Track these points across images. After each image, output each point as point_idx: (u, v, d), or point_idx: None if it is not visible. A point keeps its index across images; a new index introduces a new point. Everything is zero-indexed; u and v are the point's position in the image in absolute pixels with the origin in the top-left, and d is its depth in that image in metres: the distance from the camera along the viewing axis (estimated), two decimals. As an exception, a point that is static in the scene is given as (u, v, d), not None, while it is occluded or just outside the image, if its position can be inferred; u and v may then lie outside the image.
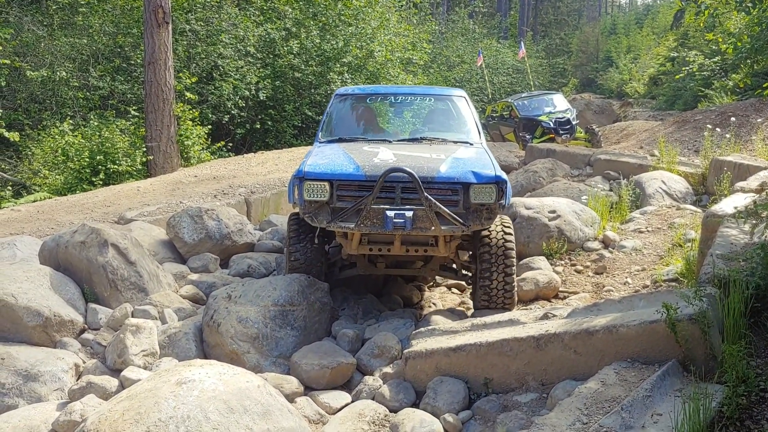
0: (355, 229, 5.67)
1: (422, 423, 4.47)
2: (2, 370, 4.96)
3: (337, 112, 7.58)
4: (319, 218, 5.77)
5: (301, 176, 5.83)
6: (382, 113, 8.33)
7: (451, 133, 7.25)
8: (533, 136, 17.54)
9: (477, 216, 5.77)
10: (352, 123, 7.60)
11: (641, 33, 46.69)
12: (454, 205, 5.74)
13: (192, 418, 3.78)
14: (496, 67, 35.68)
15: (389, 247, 5.94)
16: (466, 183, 5.75)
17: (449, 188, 5.76)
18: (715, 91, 19.09)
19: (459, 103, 7.63)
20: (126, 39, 16.91)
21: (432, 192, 5.65)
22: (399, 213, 5.58)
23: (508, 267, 6.14)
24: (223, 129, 17.56)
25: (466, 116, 7.47)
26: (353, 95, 7.80)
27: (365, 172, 5.75)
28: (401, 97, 7.91)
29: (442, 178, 5.74)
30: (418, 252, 6.03)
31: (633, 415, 3.63)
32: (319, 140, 7.14)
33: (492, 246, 6.16)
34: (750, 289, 4.32)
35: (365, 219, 5.61)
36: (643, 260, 7.33)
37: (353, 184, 5.79)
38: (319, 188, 5.76)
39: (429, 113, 7.92)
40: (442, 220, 5.64)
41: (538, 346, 4.65)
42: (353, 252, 6.03)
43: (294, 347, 5.66)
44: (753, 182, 7.70)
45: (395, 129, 8.53)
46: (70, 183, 12.72)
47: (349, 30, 19.83)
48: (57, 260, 6.46)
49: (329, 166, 5.90)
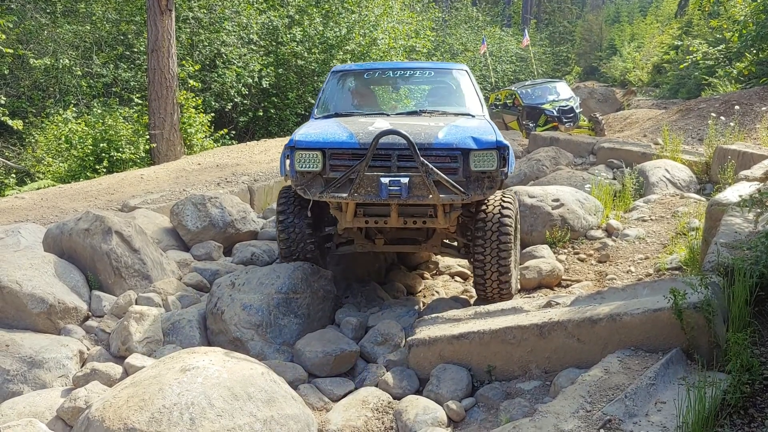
0: (349, 199, 5.38)
1: (425, 410, 4.48)
2: (7, 356, 4.97)
3: (333, 89, 7.33)
4: (312, 190, 5.50)
5: (292, 146, 5.57)
6: (380, 89, 8.01)
7: (452, 106, 6.98)
8: (536, 125, 17.52)
9: (478, 185, 5.48)
10: (348, 99, 7.35)
11: (645, 21, 46.42)
12: (453, 173, 5.43)
13: (196, 404, 3.79)
14: (500, 55, 35.58)
15: (386, 219, 5.65)
16: (465, 149, 5.46)
17: (448, 155, 5.46)
18: (719, 80, 19.01)
19: (460, 76, 7.37)
20: (129, 26, 16.89)
21: (430, 159, 5.35)
22: (394, 180, 5.29)
23: (503, 243, 5.76)
24: (226, 117, 17.55)
25: (468, 90, 7.20)
26: (350, 71, 7.58)
27: (359, 140, 5.46)
28: (399, 72, 7.64)
29: (440, 144, 5.45)
30: (416, 224, 5.71)
31: (636, 403, 3.64)
32: (314, 117, 6.90)
33: (486, 222, 5.83)
34: (754, 277, 4.31)
35: (359, 187, 5.32)
36: (647, 249, 7.32)
37: (347, 152, 5.50)
38: (311, 158, 5.50)
39: (430, 88, 7.60)
40: (441, 189, 5.33)
41: (541, 334, 4.65)
42: (348, 224, 5.74)
43: (297, 335, 5.67)
44: (757, 171, 7.67)
45: (394, 104, 8.18)
46: (73, 170, 12.73)
47: (352, 17, 19.76)
48: (61, 247, 6.47)
49: (321, 135, 5.62)
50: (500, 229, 5.76)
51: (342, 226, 5.88)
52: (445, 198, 5.34)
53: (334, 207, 5.78)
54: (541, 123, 17.55)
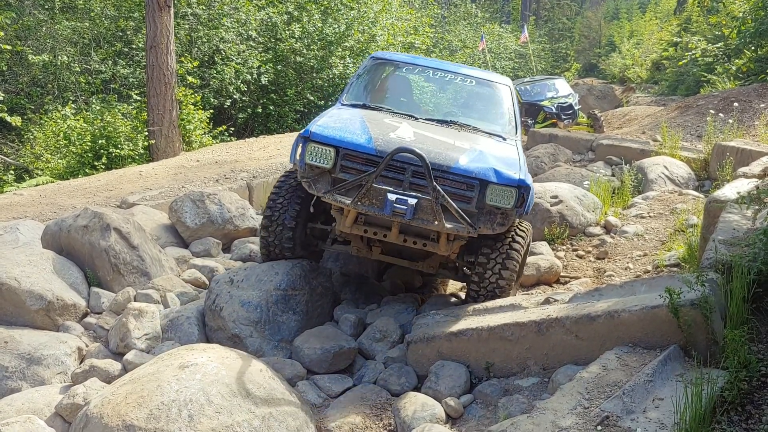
0: (351, 206, 5.15)
1: (424, 406, 4.49)
2: (5, 353, 4.97)
3: (368, 76, 7.03)
4: (318, 186, 5.29)
5: (307, 136, 5.35)
6: (415, 86, 7.58)
7: (485, 122, 6.63)
8: (535, 121, 17.50)
9: (489, 219, 5.26)
10: (380, 90, 7.02)
11: (644, 18, 46.37)
12: (466, 202, 5.22)
13: (194, 401, 3.80)
14: (499, 52, 35.52)
15: (385, 233, 5.42)
16: (484, 180, 5.21)
17: (464, 182, 5.22)
18: (718, 77, 19.00)
19: (502, 92, 7.05)
20: (128, 23, 16.86)
21: (445, 183, 5.15)
22: (402, 198, 5.05)
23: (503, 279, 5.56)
24: (225, 113, 17.52)
25: (506, 108, 6.87)
26: (389, 61, 7.28)
27: (376, 146, 5.20)
28: (441, 74, 7.17)
29: (458, 169, 5.19)
30: (416, 245, 5.46)
31: (634, 400, 3.64)
32: (342, 102, 6.61)
33: (493, 250, 5.61)
34: (752, 274, 4.32)
35: (364, 197, 5.10)
36: (645, 245, 7.33)
37: (361, 156, 5.25)
38: (324, 153, 5.27)
39: (467, 97, 7.28)
40: (449, 216, 5.11)
41: (539, 330, 4.66)
42: (346, 230, 5.49)
43: (296, 331, 5.68)
44: (756, 167, 7.68)
45: (426, 106, 7.80)
46: (72, 167, 12.71)
47: (351, 14, 19.72)
48: (60, 244, 6.47)
49: (339, 131, 5.38)
50: (505, 263, 5.58)
51: (339, 228, 5.64)
52: (450, 227, 5.11)
53: (336, 209, 5.57)
54: (540, 120, 17.56)
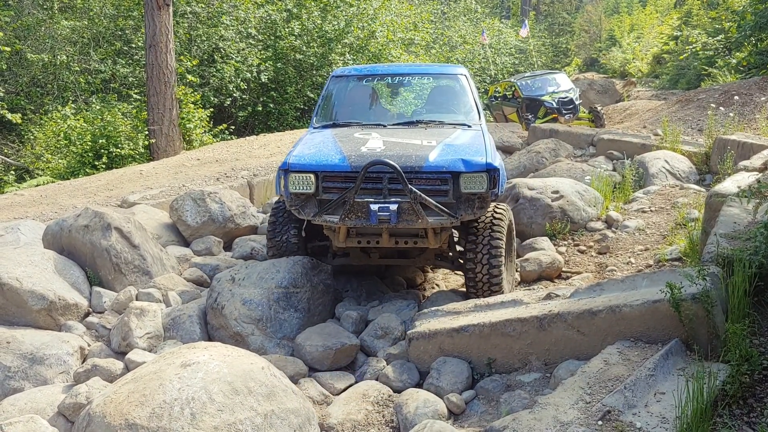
0: (340, 224, 5.55)
1: (426, 403, 4.49)
2: (8, 353, 4.98)
3: (333, 95, 7.38)
4: (306, 211, 5.67)
5: (286, 168, 5.71)
6: (379, 94, 8.04)
7: (449, 114, 7.04)
8: (536, 117, 17.43)
9: (468, 206, 5.59)
10: (347, 106, 7.34)
11: (644, 12, 46.20)
12: (443, 195, 5.56)
13: (197, 399, 3.80)
14: (499, 47, 35.48)
15: (378, 240, 5.77)
16: (455, 172, 5.55)
17: (438, 177, 5.57)
18: (719, 70, 18.95)
19: (459, 81, 7.38)
20: (127, 22, 16.87)
21: (420, 182, 5.51)
22: (384, 207, 5.42)
23: (494, 258, 5.85)
24: (225, 112, 17.54)
25: (466, 96, 7.23)
26: (350, 76, 7.56)
27: (351, 163, 5.57)
28: (398, 78, 7.67)
29: (430, 167, 5.54)
30: (407, 244, 5.84)
31: (636, 394, 3.64)
32: (313, 125, 7.00)
33: (478, 236, 5.93)
34: (753, 268, 4.31)
35: (350, 213, 5.48)
36: (646, 240, 7.32)
37: (339, 175, 5.64)
38: (305, 180, 5.64)
39: (429, 93, 7.68)
40: (430, 212, 5.46)
41: (541, 326, 4.65)
42: (341, 245, 5.90)
43: (298, 329, 5.68)
44: (756, 161, 7.67)
45: (394, 110, 8.25)
46: (72, 167, 12.74)
47: (351, 10, 19.73)
48: (61, 244, 6.47)
49: (314, 157, 5.75)
50: (491, 243, 5.87)
51: (335, 245, 6.05)
52: (434, 222, 5.48)
53: (328, 228, 5.93)
54: (541, 115, 17.42)
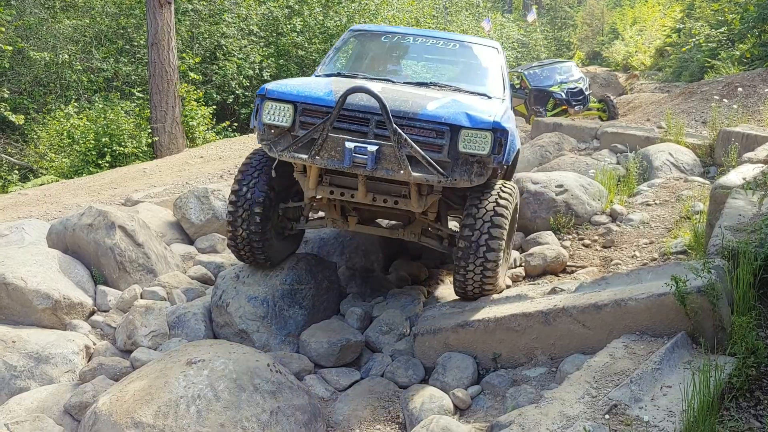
0: (309, 161, 4.75)
1: (432, 398, 4.49)
2: (14, 352, 4.99)
3: (346, 48, 6.77)
4: (278, 147, 4.90)
5: (263, 94, 4.98)
6: (395, 54, 7.22)
7: (469, 83, 6.23)
8: (545, 109, 16.77)
9: (465, 169, 4.80)
10: (357, 60, 6.69)
11: (647, 4, 46.03)
12: (437, 152, 4.76)
13: (202, 397, 3.81)
14: (501, 41, 35.43)
15: (353, 193, 5.03)
16: (455, 125, 4.78)
17: (434, 129, 4.79)
18: (722, 62, 18.85)
19: (488, 53, 6.68)
20: (129, 20, 16.87)
21: (412, 131, 4.73)
22: (361, 147, 4.65)
23: (491, 251, 5.03)
24: (228, 109, 17.54)
25: (493, 69, 6.49)
26: (368, 31, 6.93)
27: (336, 98, 4.75)
28: (421, 39, 6.83)
29: (426, 115, 4.78)
30: (387, 203, 5.06)
31: (642, 388, 3.64)
32: (316, 74, 6.28)
33: (476, 219, 5.06)
34: (759, 260, 4.30)
35: (321, 149, 4.68)
36: (651, 233, 7.30)
37: (320, 110, 4.85)
38: (281, 111, 4.90)
39: (453, 62, 6.93)
40: (417, 166, 4.67)
41: (546, 320, 4.65)
42: (312, 192, 5.11)
43: (303, 326, 5.68)
44: (761, 153, 7.64)
45: (407, 72, 7.33)
46: (76, 166, 12.76)
47: (353, 6, 19.69)
48: (65, 243, 6.48)
49: (296, 87, 5.01)
50: (490, 231, 5.03)
51: (306, 194, 5.23)
52: (418, 176, 4.68)
53: (299, 170, 5.20)
54: (550, 107, 16.79)
